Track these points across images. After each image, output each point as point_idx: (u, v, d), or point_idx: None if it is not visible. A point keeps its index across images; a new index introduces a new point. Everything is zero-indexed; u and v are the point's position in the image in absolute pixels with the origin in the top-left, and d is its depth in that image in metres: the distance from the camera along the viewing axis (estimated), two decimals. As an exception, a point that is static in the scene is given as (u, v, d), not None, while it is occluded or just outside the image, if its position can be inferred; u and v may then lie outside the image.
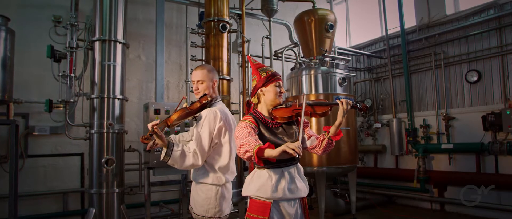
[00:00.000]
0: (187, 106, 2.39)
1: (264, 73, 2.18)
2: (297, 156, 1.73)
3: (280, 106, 2.17)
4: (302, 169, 2.22)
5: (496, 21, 5.63)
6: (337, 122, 2.07)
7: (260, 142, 1.88)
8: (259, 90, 2.19)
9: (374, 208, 6.44)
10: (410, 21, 6.90)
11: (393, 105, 7.04)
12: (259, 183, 2.05)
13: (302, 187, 2.13)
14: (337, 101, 2.06)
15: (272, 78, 2.16)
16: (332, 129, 2.09)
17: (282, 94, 2.18)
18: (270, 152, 1.78)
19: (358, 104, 2.12)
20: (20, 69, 4.83)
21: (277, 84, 2.17)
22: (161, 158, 2.27)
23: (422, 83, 6.70)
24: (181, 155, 2.26)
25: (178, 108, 2.36)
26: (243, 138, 1.92)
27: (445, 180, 6.00)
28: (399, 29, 6.85)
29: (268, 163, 2.04)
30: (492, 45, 5.68)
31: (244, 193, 2.16)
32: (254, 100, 2.23)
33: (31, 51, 4.98)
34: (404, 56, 6.71)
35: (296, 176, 2.12)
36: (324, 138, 2.11)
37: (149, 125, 2.18)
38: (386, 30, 7.11)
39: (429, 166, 6.35)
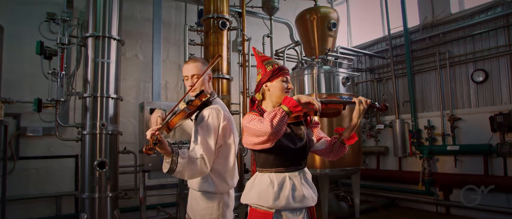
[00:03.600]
0: (186, 106, 2.18)
1: (270, 67, 1.95)
2: (317, 110, 1.66)
3: None
4: (309, 174, 1.98)
5: (504, 19, 5.46)
6: (352, 124, 1.85)
7: None
8: (264, 85, 1.95)
9: (378, 211, 6.27)
10: (413, 20, 6.75)
11: (396, 106, 6.88)
12: (260, 190, 1.82)
13: (310, 195, 1.87)
14: (353, 99, 1.84)
15: (278, 72, 1.93)
16: (345, 132, 1.87)
17: (289, 90, 1.95)
18: (298, 96, 1.69)
19: (376, 103, 1.88)
20: (12, 67, 4.68)
21: (284, 79, 1.93)
22: (166, 170, 1.92)
23: (426, 83, 6.54)
24: (189, 162, 1.93)
25: (176, 108, 2.14)
26: (260, 119, 1.71)
27: (451, 182, 5.83)
28: (401, 28, 6.72)
29: (271, 166, 1.83)
30: (499, 43, 5.51)
31: (243, 201, 1.92)
32: (258, 96, 1.99)
33: (24, 50, 4.80)
34: (408, 55, 6.57)
35: (302, 182, 1.87)
36: (336, 142, 1.90)
37: (149, 133, 1.82)
38: (389, 29, 6.96)
39: (434, 168, 6.18)
